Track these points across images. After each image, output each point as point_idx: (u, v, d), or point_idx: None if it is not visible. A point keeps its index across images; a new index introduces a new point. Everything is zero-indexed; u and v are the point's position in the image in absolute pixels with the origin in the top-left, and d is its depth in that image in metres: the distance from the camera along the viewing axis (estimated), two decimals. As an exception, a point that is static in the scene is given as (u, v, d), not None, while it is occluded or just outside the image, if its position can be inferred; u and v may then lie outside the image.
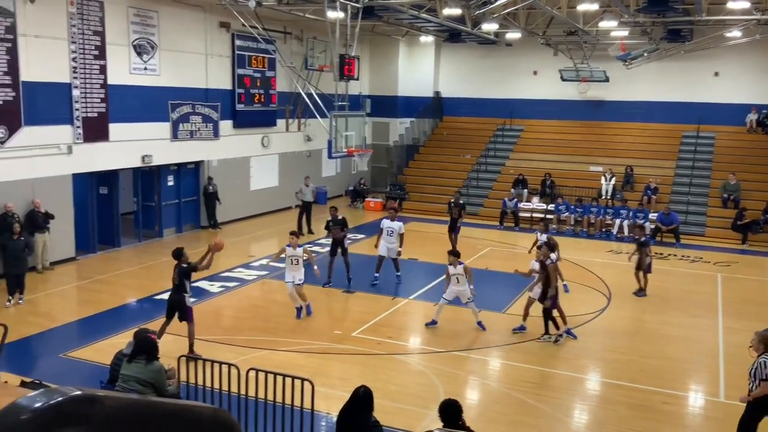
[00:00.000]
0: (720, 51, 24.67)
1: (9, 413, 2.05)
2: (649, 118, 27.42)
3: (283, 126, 24.83)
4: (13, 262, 13.78)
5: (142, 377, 6.91)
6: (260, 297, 15.00)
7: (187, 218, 21.28)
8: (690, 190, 23.95)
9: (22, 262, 13.90)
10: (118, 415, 2.29)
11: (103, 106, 17.50)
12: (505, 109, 29.21)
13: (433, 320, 12.91)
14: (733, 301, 15.28)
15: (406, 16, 20.37)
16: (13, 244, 13.81)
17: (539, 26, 23.65)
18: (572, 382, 10.81)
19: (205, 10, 20.47)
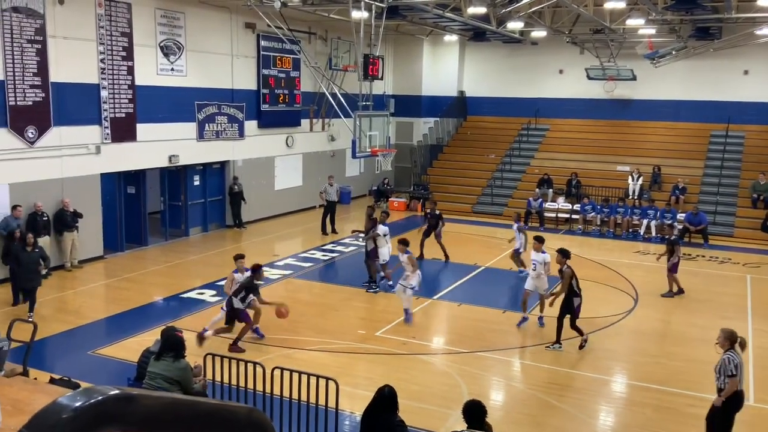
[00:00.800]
0: (749, 49, 24.25)
1: (50, 412, 2.08)
2: (677, 117, 27.07)
3: (307, 126, 24.93)
4: (27, 276, 12.61)
5: (168, 374, 6.97)
6: (285, 296, 15.01)
7: (213, 217, 21.46)
8: (719, 190, 23.58)
9: (36, 275, 12.77)
10: (155, 414, 2.31)
11: (131, 107, 17.71)
12: (530, 109, 29.01)
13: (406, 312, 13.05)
14: (763, 303, 15.02)
15: (431, 15, 20.31)
16: (27, 256, 12.59)
17: (565, 24, 23.45)
18: (597, 383, 10.71)
19: (231, 11, 20.62)
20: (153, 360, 7.17)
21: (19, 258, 12.63)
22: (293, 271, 16.79)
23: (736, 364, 7.72)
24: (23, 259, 12.58)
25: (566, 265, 11.82)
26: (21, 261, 12.59)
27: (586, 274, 17.02)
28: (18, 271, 12.79)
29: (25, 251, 12.63)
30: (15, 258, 12.74)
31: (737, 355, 7.80)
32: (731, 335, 7.88)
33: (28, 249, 12.67)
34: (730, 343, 7.83)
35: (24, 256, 12.60)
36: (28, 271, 12.57)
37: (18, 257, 12.68)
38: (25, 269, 12.57)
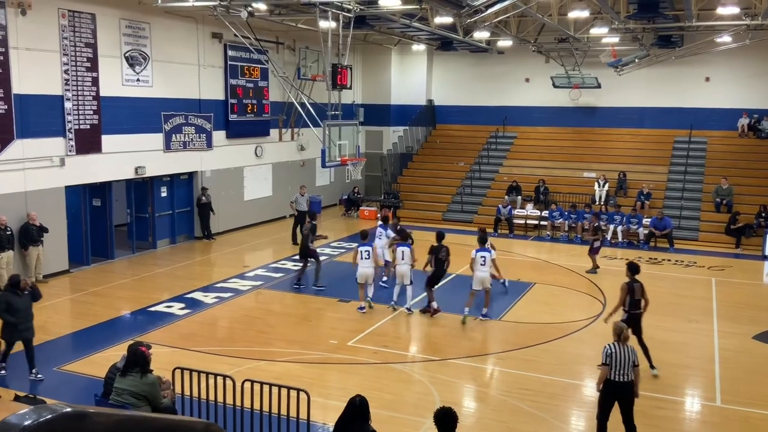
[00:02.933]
0: (710, 56, 24.83)
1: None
2: (641, 124, 27.59)
3: (276, 136, 24.84)
4: (25, 324, 10.47)
5: (135, 390, 6.87)
6: (255, 307, 14.95)
7: (181, 229, 21.23)
8: (683, 195, 24.04)
9: (31, 323, 10.65)
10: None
11: (96, 118, 17.47)
12: (498, 117, 29.32)
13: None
14: (728, 306, 15.31)
15: (398, 25, 20.43)
16: (22, 302, 10.45)
17: (530, 34, 23.75)
18: (569, 388, 10.80)
19: (197, 20, 20.50)
20: (119, 376, 7.07)
21: (13, 305, 10.29)
22: (264, 282, 16.67)
23: (608, 354, 8.25)
24: (18, 305, 10.33)
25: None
26: (17, 308, 10.31)
27: (555, 280, 17.27)
28: (12, 322, 10.34)
29: (18, 296, 10.38)
30: (7, 308, 10.27)
31: (611, 345, 8.32)
32: (617, 328, 8.51)
33: (21, 293, 10.47)
34: (616, 336, 8.40)
35: (18, 302, 10.34)
36: (26, 319, 10.43)
37: (11, 304, 10.28)
38: (22, 317, 10.36)
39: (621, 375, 8.21)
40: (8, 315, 10.32)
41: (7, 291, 10.57)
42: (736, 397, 10.41)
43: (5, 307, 10.33)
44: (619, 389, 8.27)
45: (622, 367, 8.19)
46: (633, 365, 8.25)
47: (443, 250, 13.95)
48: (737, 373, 11.38)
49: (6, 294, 10.50)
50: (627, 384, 8.26)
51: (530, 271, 18.22)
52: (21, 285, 10.55)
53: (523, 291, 16.12)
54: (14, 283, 10.59)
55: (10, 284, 10.64)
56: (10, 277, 10.88)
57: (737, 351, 12.43)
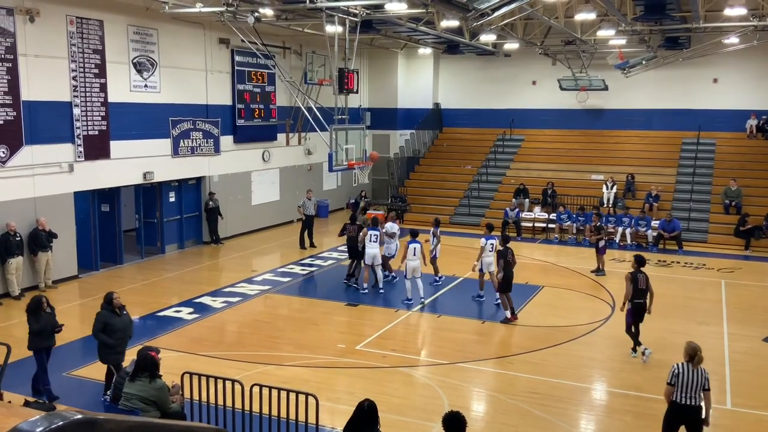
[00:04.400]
0: (718, 58, 24.73)
1: None
2: (649, 126, 27.49)
3: (283, 140, 24.90)
4: (122, 347, 10.01)
5: (144, 395, 6.89)
6: (263, 312, 14.97)
7: (189, 234, 21.29)
8: (692, 197, 23.93)
9: (127, 343, 10.17)
10: None
11: (104, 124, 17.56)
12: (505, 119, 29.29)
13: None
14: (738, 308, 15.23)
15: (404, 28, 20.46)
16: (120, 322, 9.96)
17: (537, 36, 23.73)
18: (578, 392, 10.76)
19: (205, 26, 20.58)
20: (128, 381, 7.09)
21: (110, 326, 9.87)
22: (272, 286, 16.70)
23: (674, 374, 7.81)
24: (116, 326, 9.91)
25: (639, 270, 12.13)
26: (113, 330, 9.87)
27: (563, 283, 17.22)
28: (109, 343, 9.88)
29: (115, 315, 9.96)
30: (104, 328, 9.82)
31: (680, 365, 7.86)
32: (690, 349, 7.93)
33: (117, 313, 10.03)
34: (688, 356, 7.90)
35: (116, 322, 9.94)
36: (122, 341, 10.03)
37: (108, 325, 9.86)
38: (120, 339, 9.96)
39: (688, 398, 7.76)
40: (105, 336, 9.69)
41: (104, 310, 9.86)
42: (747, 399, 10.35)
43: (101, 327, 9.70)
44: (684, 412, 7.80)
45: (689, 390, 7.74)
46: (703, 389, 7.78)
47: (509, 252, 14.05)
48: (748, 376, 11.31)
49: (103, 313, 9.83)
50: (694, 408, 7.78)
51: (538, 274, 18.17)
52: (114, 303, 9.79)
53: (532, 294, 16.08)
54: (108, 300, 9.87)
55: (105, 302, 9.90)
56: (105, 296, 9.98)
57: (747, 353, 12.36)
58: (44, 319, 10.10)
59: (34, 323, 10.03)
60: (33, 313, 10.04)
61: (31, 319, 10.05)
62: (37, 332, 10.04)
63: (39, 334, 10.05)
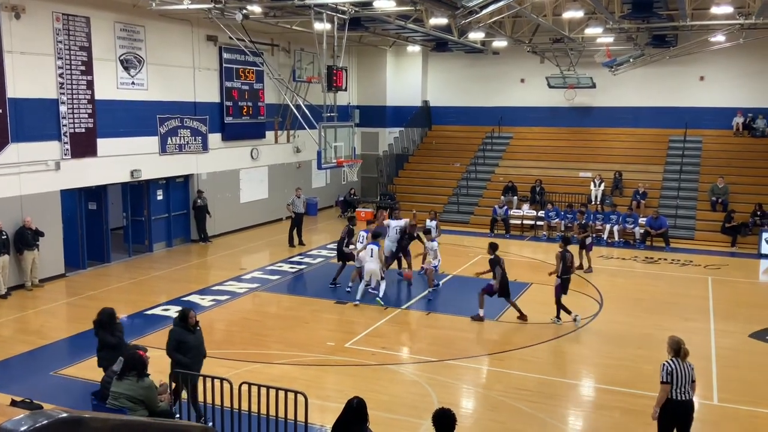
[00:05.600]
0: (705, 56, 24.88)
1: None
2: (636, 124, 27.63)
3: (272, 138, 24.83)
4: (198, 366, 9.19)
5: (132, 394, 6.86)
6: (252, 310, 14.93)
7: (177, 232, 21.19)
8: (678, 194, 24.09)
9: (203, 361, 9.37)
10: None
11: (91, 122, 17.44)
12: (494, 117, 29.34)
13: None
14: (724, 304, 15.35)
15: (393, 26, 20.44)
16: (195, 339, 9.22)
17: (525, 34, 23.78)
18: (567, 388, 10.81)
19: (192, 23, 20.48)
20: (116, 380, 7.05)
21: (185, 344, 9.04)
22: (260, 285, 16.66)
23: (668, 372, 7.78)
24: (191, 343, 9.08)
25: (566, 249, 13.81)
26: (188, 347, 9.04)
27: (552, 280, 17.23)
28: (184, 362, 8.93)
29: (189, 332, 9.14)
30: (177, 346, 9.00)
31: (671, 362, 7.84)
32: (674, 344, 7.97)
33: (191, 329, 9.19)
34: (673, 351, 7.91)
35: (190, 339, 9.13)
36: (197, 360, 9.21)
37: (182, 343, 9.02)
38: (194, 357, 9.12)
39: (682, 393, 7.76)
40: (179, 354, 8.91)
41: (178, 326, 9.14)
42: (733, 395, 10.43)
43: (175, 345, 8.98)
44: (680, 408, 7.81)
45: (682, 385, 7.75)
46: (691, 381, 7.83)
47: (502, 260, 13.97)
48: (734, 372, 11.40)
49: (177, 330, 9.09)
50: (688, 402, 7.82)
51: (527, 271, 18.21)
52: (189, 320, 9.08)
53: (520, 291, 16.13)
54: (183, 317, 9.14)
55: (179, 318, 9.17)
56: (180, 311, 9.29)
57: (734, 349, 12.46)
58: (119, 332, 9.24)
59: (110, 337, 9.08)
60: (107, 327, 9.14)
61: (105, 334, 9.10)
62: (113, 347, 9.02)
63: (114, 348, 9.00)
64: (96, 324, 9.11)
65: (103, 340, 9.03)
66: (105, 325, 9.08)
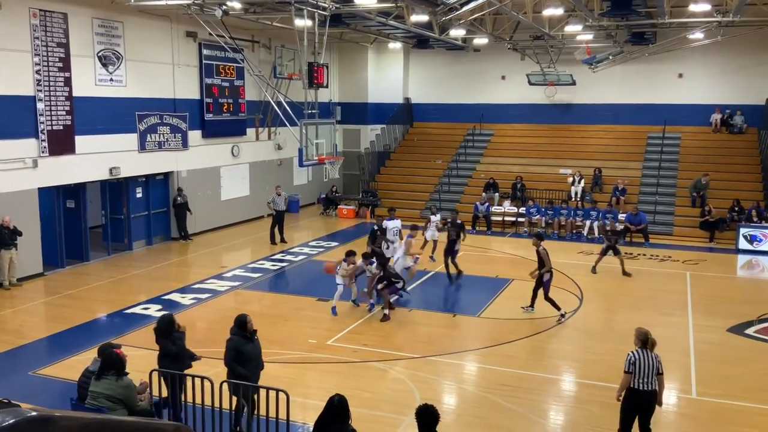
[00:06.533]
0: (683, 53, 25.14)
1: None
2: (615, 120, 27.85)
3: (253, 135, 24.72)
4: (256, 378, 8.58)
5: (111, 394, 6.80)
6: (234, 308, 14.83)
7: (157, 230, 21.02)
8: (657, 190, 24.32)
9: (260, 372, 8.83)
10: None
11: (69, 119, 17.25)
12: (475, 114, 29.43)
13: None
14: (703, 299, 15.52)
15: (374, 23, 20.41)
16: (254, 349, 8.61)
17: (506, 31, 23.87)
18: (547, 383, 10.88)
19: (171, 19, 20.31)
20: (94, 379, 6.98)
21: (244, 354, 8.46)
22: (242, 282, 16.58)
23: (631, 362, 7.96)
24: (250, 354, 8.50)
25: (542, 246, 13.68)
26: (247, 358, 8.48)
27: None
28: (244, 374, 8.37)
29: (247, 340, 8.51)
30: (237, 356, 8.42)
31: (635, 352, 8.01)
32: (641, 335, 8.14)
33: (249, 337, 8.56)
34: (640, 342, 8.07)
35: (250, 349, 8.53)
36: (256, 371, 8.63)
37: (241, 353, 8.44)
38: (254, 369, 8.59)
39: (644, 383, 7.93)
40: (239, 366, 8.25)
41: (236, 335, 8.42)
42: (712, 388, 10.56)
43: (234, 355, 8.28)
44: (641, 398, 8.00)
45: (645, 375, 7.91)
46: (657, 373, 7.95)
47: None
48: (712, 366, 11.54)
49: (235, 339, 8.37)
50: (650, 393, 7.97)
51: (508, 267, 18.30)
52: (248, 327, 8.41)
53: (501, 287, 16.20)
54: (241, 324, 8.42)
55: (237, 326, 8.46)
56: (236, 318, 8.56)
57: (712, 343, 12.61)
58: (180, 340, 8.67)
59: (171, 346, 8.56)
60: (167, 335, 8.59)
61: (165, 342, 8.57)
62: (175, 356, 8.55)
63: (176, 358, 8.56)
64: (156, 332, 8.65)
65: (164, 348, 8.56)
66: (165, 333, 8.58)
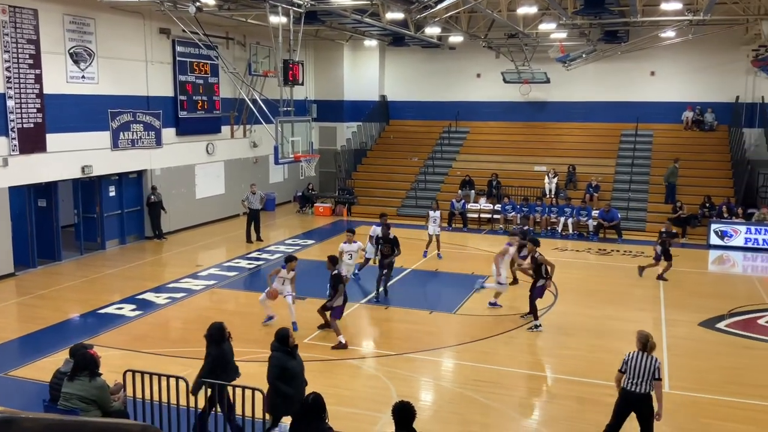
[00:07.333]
0: (655, 51, 25.45)
1: None
2: (589, 118, 28.12)
3: (228, 133, 24.54)
4: (300, 396, 7.77)
5: (84, 395, 6.71)
6: (209, 307, 14.74)
7: (130, 229, 20.79)
8: (630, 187, 24.61)
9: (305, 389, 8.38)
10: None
11: (40, 117, 16.98)
12: (451, 112, 29.52)
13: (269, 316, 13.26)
14: (675, 294, 15.74)
15: (349, 20, 20.38)
16: (298, 365, 8.24)
17: (481, 30, 23.96)
18: (523, 379, 10.97)
19: (144, 16, 20.08)
20: (66, 380, 6.89)
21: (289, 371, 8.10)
22: (217, 281, 16.47)
23: (624, 362, 8.03)
24: (295, 370, 8.15)
25: (538, 252, 13.23)
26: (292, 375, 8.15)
27: (509, 273, 17.42)
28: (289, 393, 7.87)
29: (291, 357, 8.19)
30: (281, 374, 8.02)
31: (632, 353, 8.06)
32: (642, 338, 8.16)
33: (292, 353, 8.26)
34: (640, 344, 8.10)
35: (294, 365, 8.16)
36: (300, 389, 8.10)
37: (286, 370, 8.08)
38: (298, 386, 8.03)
39: (635, 385, 7.91)
40: (284, 384, 7.78)
41: (278, 351, 7.98)
42: (684, 382, 10.71)
43: (278, 372, 7.83)
44: (632, 400, 7.96)
45: (637, 377, 7.89)
46: (654, 377, 7.88)
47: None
48: (685, 360, 11.71)
49: (278, 356, 7.93)
50: (642, 395, 7.92)
51: (484, 264, 18.37)
52: (290, 341, 8.04)
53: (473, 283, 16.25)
54: (282, 338, 8.04)
55: (278, 340, 8.06)
56: (277, 333, 8.22)
57: (685, 338, 12.80)
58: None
59: (221, 354, 8.31)
60: (218, 343, 8.32)
61: (216, 350, 8.29)
62: (224, 366, 8.30)
63: (225, 368, 8.31)
64: (207, 338, 8.38)
65: (213, 356, 8.30)
66: (217, 340, 8.31)
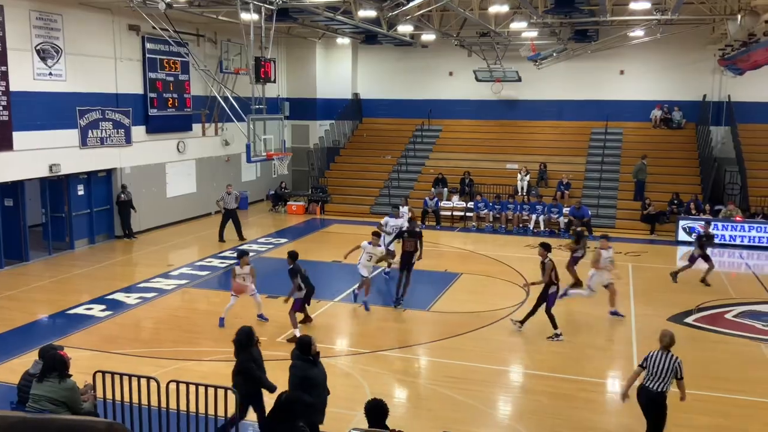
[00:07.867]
0: (625, 50, 25.79)
1: None
2: (560, 116, 28.41)
3: (199, 131, 24.31)
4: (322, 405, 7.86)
5: (54, 396, 6.61)
6: (181, 307, 14.62)
7: (100, 228, 20.51)
8: (600, 185, 24.91)
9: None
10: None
11: (6, 114, 16.66)
12: (423, 110, 29.60)
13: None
14: (644, 290, 15.99)
15: (322, 17, 20.30)
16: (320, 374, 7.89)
17: (453, 28, 24.05)
18: (495, 374, 11.05)
19: (113, 12, 19.80)
20: (36, 382, 6.77)
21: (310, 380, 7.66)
22: (189, 281, 16.32)
23: (645, 358, 8.19)
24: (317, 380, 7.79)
25: (548, 258, 12.59)
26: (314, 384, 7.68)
27: (481, 270, 17.60)
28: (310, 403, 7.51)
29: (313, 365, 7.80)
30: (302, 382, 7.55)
31: (654, 352, 8.16)
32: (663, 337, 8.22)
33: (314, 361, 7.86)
34: (663, 344, 8.17)
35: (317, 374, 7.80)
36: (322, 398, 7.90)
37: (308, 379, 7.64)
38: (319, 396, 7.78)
39: (654, 383, 7.99)
40: (305, 394, 7.31)
41: (299, 360, 7.62)
42: (653, 376, 10.85)
43: (300, 382, 7.45)
44: (646, 396, 8.07)
45: (656, 375, 7.97)
46: (676, 377, 7.96)
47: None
48: (653, 354, 11.87)
49: (299, 365, 7.56)
50: (653, 393, 8.01)
51: (457, 261, 18.50)
52: (312, 349, 7.66)
53: (450, 281, 16.36)
54: (303, 346, 7.66)
55: (299, 349, 7.69)
56: (298, 340, 7.93)
57: (653, 333, 12.94)
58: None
59: (250, 361, 8.05)
60: (245, 349, 8.09)
61: (244, 357, 8.05)
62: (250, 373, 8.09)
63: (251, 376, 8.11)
64: (236, 344, 8.21)
65: (242, 364, 8.18)
66: (245, 346, 8.14)
